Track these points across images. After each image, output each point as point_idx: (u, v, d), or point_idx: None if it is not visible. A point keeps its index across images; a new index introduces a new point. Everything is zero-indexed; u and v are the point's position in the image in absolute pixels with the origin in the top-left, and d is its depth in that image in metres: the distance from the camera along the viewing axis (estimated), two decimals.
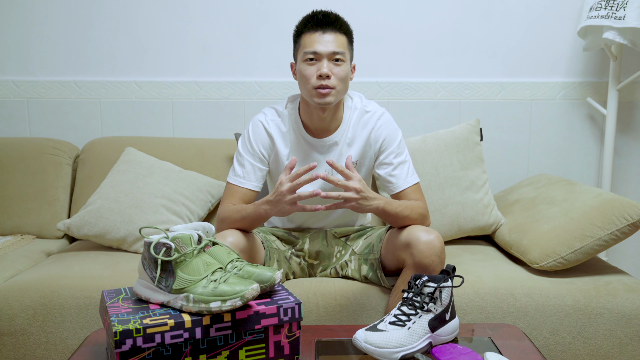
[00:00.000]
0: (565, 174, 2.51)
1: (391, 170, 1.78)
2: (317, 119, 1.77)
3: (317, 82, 1.67)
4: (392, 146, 1.79)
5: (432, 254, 1.58)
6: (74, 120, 2.49)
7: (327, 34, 1.68)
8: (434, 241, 1.59)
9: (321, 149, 1.80)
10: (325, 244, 1.86)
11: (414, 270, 1.60)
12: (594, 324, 1.72)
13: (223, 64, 2.48)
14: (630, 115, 2.50)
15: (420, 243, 1.58)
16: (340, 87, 1.70)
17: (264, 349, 1.26)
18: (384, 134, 1.79)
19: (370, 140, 1.79)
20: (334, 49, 1.68)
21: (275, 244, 1.83)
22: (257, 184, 1.79)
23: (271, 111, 1.83)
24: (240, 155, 1.80)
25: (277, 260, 1.78)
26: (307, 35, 1.70)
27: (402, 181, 1.76)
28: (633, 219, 1.76)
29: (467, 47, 2.47)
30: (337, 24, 1.70)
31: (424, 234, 1.60)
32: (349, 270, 1.80)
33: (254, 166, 1.78)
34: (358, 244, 1.82)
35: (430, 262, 1.58)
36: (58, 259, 1.97)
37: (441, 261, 1.60)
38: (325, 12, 1.71)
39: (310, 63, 1.69)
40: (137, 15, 2.45)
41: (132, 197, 2.06)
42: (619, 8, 2.16)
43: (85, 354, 1.32)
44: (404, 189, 1.76)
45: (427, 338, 1.32)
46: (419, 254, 1.58)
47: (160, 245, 1.22)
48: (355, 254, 1.81)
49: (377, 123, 1.79)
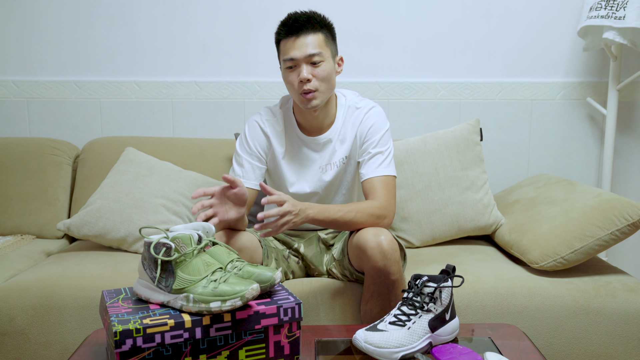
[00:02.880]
0: (565, 174, 2.51)
1: (366, 159, 1.75)
2: (311, 119, 1.78)
3: (300, 87, 1.68)
4: (374, 136, 1.77)
5: (383, 258, 1.53)
6: (74, 120, 2.49)
7: (301, 38, 1.67)
8: (382, 243, 1.53)
9: (315, 147, 1.81)
10: (318, 250, 1.86)
11: (370, 276, 1.58)
12: (594, 324, 1.72)
13: (223, 64, 2.48)
14: (630, 115, 2.50)
15: (369, 248, 1.54)
16: (324, 87, 1.70)
17: (264, 349, 1.26)
18: (370, 124, 1.78)
19: (357, 134, 1.79)
20: (310, 52, 1.66)
21: (274, 243, 1.83)
22: (257, 182, 1.79)
23: (266, 111, 1.84)
24: (239, 156, 1.80)
25: (275, 259, 1.78)
26: (284, 42, 1.70)
27: (371, 171, 1.73)
28: (633, 219, 1.76)
29: (467, 47, 2.47)
30: (308, 24, 1.68)
31: (371, 237, 1.55)
32: (336, 276, 1.80)
33: (253, 165, 1.79)
34: (337, 249, 1.80)
35: (382, 266, 1.54)
36: (58, 259, 1.97)
37: (395, 262, 1.55)
38: (295, 16, 1.69)
39: (290, 70, 1.70)
40: (137, 15, 2.45)
41: (132, 197, 2.06)
42: (619, 8, 2.16)
43: (85, 354, 1.32)
44: (370, 178, 1.72)
45: (427, 338, 1.32)
46: (371, 260, 1.54)
47: (160, 245, 1.22)
48: (335, 259, 1.79)
49: (365, 117, 1.79)
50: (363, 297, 1.65)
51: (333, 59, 1.74)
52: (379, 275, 1.56)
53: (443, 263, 1.89)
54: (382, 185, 1.71)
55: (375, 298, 1.60)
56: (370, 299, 1.61)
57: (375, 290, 1.59)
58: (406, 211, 2.10)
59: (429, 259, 1.96)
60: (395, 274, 1.56)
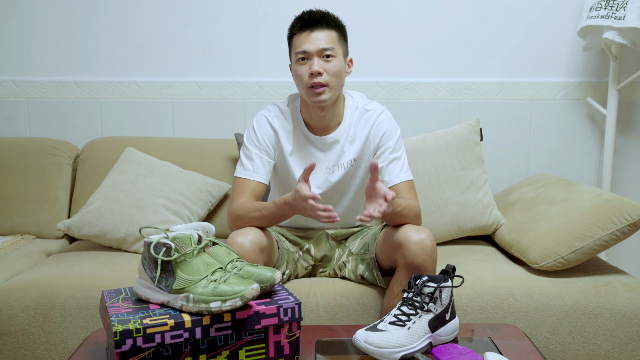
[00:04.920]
0: (565, 174, 2.51)
1: (386, 165, 1.77)
2: (317, 118, 1.77)
3: (310, 80, 1.69)
4: (389, 141, 1.79)
5: (424, 254, 1.57)
6: (74, 120, 2.49)
7: (315, 32, 1.69)
8: (425, 240, 1.57)
9: (322, 147, 1.81)
10: (329, 247, 1.86)
11: (406, 270, 1.59)
12: (594, 324, 1.72)
13: (223, 64, 2.48)
14: (630, 115, 2.50)
15: (411, 242, 1.57)
16: (334, 83, 1.70)
17: (264, 349, 1.26)
18: (384, 129, 1.80)
19: (370, 137, 1.80)
20: (323, 45, 1.68)
21: (285, 244, 1.83)
22: (266, 177, 1.78)
23: (274, 108, 1.84)
24: (248, 149, 1.79)
25: (286, 261, 1.78)
26: (297, 36, 1.72)
27: (395, 176, 1.76)
28: (633, 219, 1.76)
29: (467, 47, 2.47)
30: (324, 20, 1.71)
31: (415, 233, 1.59)
32: (347, 271, 1.80)
33: (262, 159, 1.78)
34: (355, 244, 1.82)
35: (421, 262, 1.57)
36: (58, 259, 1.97)
37: (433, 260, 1.59)
38: (311, 12, 1.72)
39: (301, 63, 1.71)
40: (137, 16, 2.45)
41: (132, 197, 2.06)
42: (619, 8, 2.16)
43: (85, 354, 1.32)
44: (396, 184, 1.75)
45: (427, 338, 1.32)
46: (410, 254, 1.57)
47: (160, 245, 1.22)
48: (352, 254, 1.80)
49: (377, 120, 1.80)
50: (390, 291, 1.66)
51: (344, 58, 1.76)
52: (416, 271, 1.58)
53: (443, 263, 1.88)
54: (409, 189, 1.75)
55: None
56: (399, 294, 1.62)
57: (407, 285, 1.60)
58: None
59: None
60: (431, 272, 1.59)
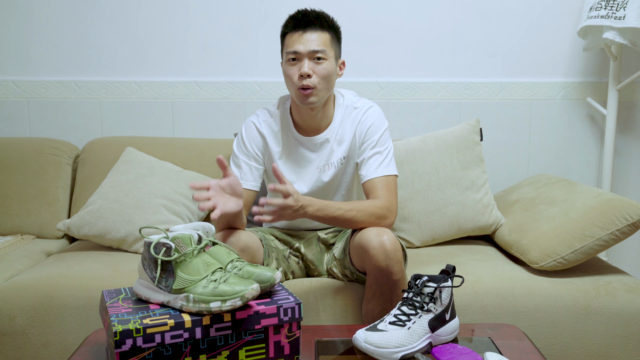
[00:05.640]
0: (565, 174, 2.51)
1: (366, 159, 1.75)
2: (308, 118, 1.77)
3: (299, 82, 1.68)
4: (373, 136, 1.76)
5: (386, 258, 1.53)
6: (74, 120, 2.49)
7: (308, 33, 1.68)
8: (385, 243, 1.53)
9: (313, 147, 1.81)
10: (318, 250, 1.86)
11: (372, 276, 1.58)
12: (594, 324, 1.72)
13: (223, 64, 2.48)
14: (630, 115, 2.50)
15: (371, 248, 1.54)
16: (323, 85, 1.69)
17: (264, 349, 1.26)
18: (369, 124, 1.77)
19: (356, 134, 1.79)
20: (314, 48, 1.67)
21: (274, 242, 1.83)
22: (255, 184, 1.79)
23: (263, 112, 1.84)
24: (236, 157, 1.81)
25: (275, 258, 1.78)
26: (289, 36, 1.71)
27: (372, 171, 1.72)
28: (633, 219, 1.76)
29: (467, 47, 2.47)
30: (317, 21, 1.69)
31: (374, 237, 1.55)
32: (336, 274, 1.80)
33: (250, 166, 1.79)
34: (338, 248, 1.80)
35: (385, 266, 1.54)
36: (58, 259, 1.97)
37: (398, 262, 1.55)
38: (305, 12, 1.70)
39: (292, 63, 1.70)
40: (137, 16, 2.45)
41: (132, 197, 2.06)
42: (619, 8, 2.16)
43: (85, 354, 1.32)
44: (370, 179, 1.71)
45: (427, 338, 1.32)
46: (373, 259, 1.54)
47: (160, 245, 1.22)
48: (335, 259, 1.79)
49: (364, 116, 1.78)
50: (365, 297, 1.65)
51: (336, 60, 1.74)
52: (381, 275, 1.56)
53: (443, 263, 1.89)
54: (383, 185, 1.70)
55: (377, 298, 1.60)
56: (372, 299, 1.61)
57: (377, 290, 1.59)
58: (406, 211, 2.10)
59: (429, 259, 1.96)
60: (398, 274, 1.56)
